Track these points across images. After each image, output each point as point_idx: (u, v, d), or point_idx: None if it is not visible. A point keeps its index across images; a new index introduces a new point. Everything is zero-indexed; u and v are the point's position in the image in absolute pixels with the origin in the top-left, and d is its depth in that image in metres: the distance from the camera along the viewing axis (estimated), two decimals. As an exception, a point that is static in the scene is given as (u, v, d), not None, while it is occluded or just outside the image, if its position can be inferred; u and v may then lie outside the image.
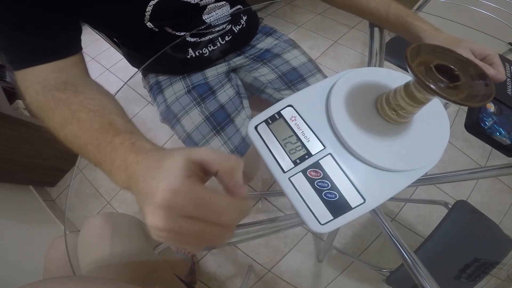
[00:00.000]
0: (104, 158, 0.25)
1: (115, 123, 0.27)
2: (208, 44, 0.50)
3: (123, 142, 0.24)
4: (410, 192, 1.01)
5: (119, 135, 0.25)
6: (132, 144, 0.24)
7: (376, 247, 0.92)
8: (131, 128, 0.27)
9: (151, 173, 0.20)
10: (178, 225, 0.19)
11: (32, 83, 0.31)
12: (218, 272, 0.89)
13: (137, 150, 0.23)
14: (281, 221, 0.46)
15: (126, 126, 0.27)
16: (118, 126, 0.26)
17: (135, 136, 0.25)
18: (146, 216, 0.19)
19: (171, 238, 0.20)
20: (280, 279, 0.87)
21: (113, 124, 0.27)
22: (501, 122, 0.40)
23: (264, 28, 0.63)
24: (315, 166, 0.28)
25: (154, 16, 0.41)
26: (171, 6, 0.42)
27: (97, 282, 0.30)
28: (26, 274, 0.70)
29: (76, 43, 0.36)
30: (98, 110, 0.28)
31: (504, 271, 0.59)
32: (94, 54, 1.41)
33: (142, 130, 0.28)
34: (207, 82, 0.55)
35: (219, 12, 0.49)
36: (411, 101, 0.26)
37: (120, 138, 0.25)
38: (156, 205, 0.19)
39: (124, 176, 0.23)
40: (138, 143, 0.24)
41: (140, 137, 0.25)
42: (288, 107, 0.31)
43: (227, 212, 0.20)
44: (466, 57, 0.25)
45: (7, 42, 0.31)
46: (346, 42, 1.43)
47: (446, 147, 0.29)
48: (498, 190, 1.01)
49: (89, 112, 0.28)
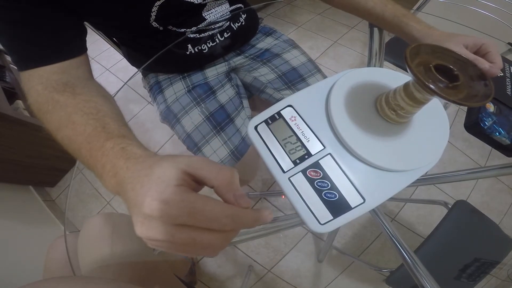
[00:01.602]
0: (95, 162, 0.25)
1: (108, 127, 0.27)
2: (207, 40, 0.50)
3: (113, 147, 0.24)
4: (410, 192, 1.01)
5: (110, 139, 0.25)
6: (122, 149, 0.24)
7: (376, 247, 0.92)
8: (123, 132, 0.27)
9: (140, 180, 0.20)
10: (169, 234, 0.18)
11: (35, 83, 0.32)
12: (218, 272, 0.89)
13: (127, 156, 0.23)
14: (281, 221, 0.46)
15: (119, 130, 0.27)
16: (111, 130, 0.26)
17: (126, 141, 0.25)
18: (135, 226, 0.19)
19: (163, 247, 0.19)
20: (280, 279, 0.87)
21: (106, 128, 0.26)
22: (500, 122, 0.40)
23: (264, 28, 0.63)
24: (315, 166, 0.28)
25: (160, 15, 0.41)
26: (175, 6, 0.42)
27: (97, 282, 0.30)
28: (26, 274, 0.70)
29: (81, 44, 0.36)
30: (92, 113, 0.28)
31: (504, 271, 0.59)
32: (94, 54, 1.41)
33: (142, 130, 0.28)
34: (207, 82, 0.55)
35: (219, 9, 0.49)
36: (411, 101, 0.26)
37: (111, 143, 0.24)
38: (144, 215, 0.18)
39: (114, 182, 0.23)
40: (128, 148, 0.24)
41: (132, 142, 0.25)
42: (288, 107, 0.31)
43: (221, 218, 0.19)
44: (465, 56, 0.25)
45: (12, 43, 0.31)
46: (345, 42, 1.43)
47: (446, 147, 0.29)
48: (498, 190, 1.02)
49: (83, 115, 0.28)
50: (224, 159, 0.50)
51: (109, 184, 0.23)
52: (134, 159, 0.22)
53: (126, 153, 0.23)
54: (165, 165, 0.20)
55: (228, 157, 0.50)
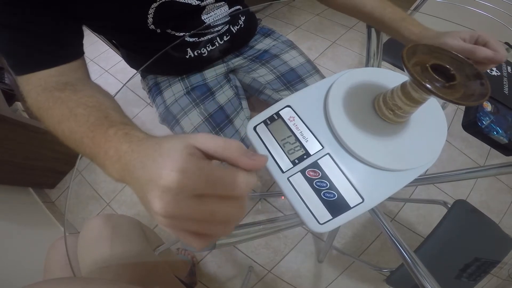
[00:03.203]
0: (98, 149, 0.24)
1: (110, 116, 0.27)
2: (207, 44, 0.51)
3: (116, 132, 0.24)
4: (409, 192, 1.01)
5: (113, 126, 0.25)
6: (125, 134, 0.23)
7: (376, 247, 0.92)
8: (126, 121, 0.27)
9: (151, 156, 0.19)
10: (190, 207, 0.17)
11: (34, 86, 0.32)
12: (219, 273, 0.89)
13: (130, 139, 0.22)
14: (281, 221, 0.46)
15: (122, 119, 0.27)
16: (114, 119, 0.26)
17: (128, 127, 0.25)
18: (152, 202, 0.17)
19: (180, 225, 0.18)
20: (281, 280, 0.87)
21: (108, 117, 0.26)
22: (498, 121, 0.41)
23: (262, 29, 0.63)
24: (314, 166, 0.28)
25: (156, 18, 0.41)
26: (172, 8, 0.42)
27: (97, 283, 0.30)
28: (26, 276, 0.70)
29: (78, 48, 0.36)
30: (95, 106, 0.28)
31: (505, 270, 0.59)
32: (93, 56, 1.41)
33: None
34: (206, 83, 0.55)
35: (218, 12, 0.50)
36: (408, 100, 0.26)
37: (114, 129, 0.24)
38: (162, 188, 0.17)
39: (118, 167, 0.22)
40: (131, 132, 0.24)
41: (134, 128, 0.25)
42: (286, 108, 0.32)
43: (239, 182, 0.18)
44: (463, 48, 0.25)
45: (9, 47, 0.31)
46: (344, 42, 1.44)
47: (444, 147, 0.29)
48: (497, 189, 1.02)
49: (86, 108, 0.28)
50: (223, 159, 0.50)
51: (113, 169, 0.23)
52: (137, 141, 0.22)
53: (129, 137, 0.23)
54: (173, 140, 0.19)
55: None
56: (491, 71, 0.51)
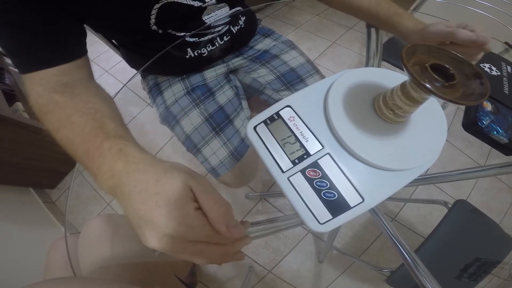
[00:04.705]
0: (91, 163, 0.25)
1: (106, 127, 0.27)
2: (207, 44, 0.51)
3: (111, 148, 0.24)
4: (410, 192, 1.01)
5: (108, 139, 0.25)
6: (119, 151, 0.24)
7: (377, 247, 0.92)
8: (121, 133, 0.27)
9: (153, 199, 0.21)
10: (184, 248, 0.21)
11: (36, 85, 0.32)
12: (219, 273, 0.89)
13: (125, 158, 0.23)
14: (281, 221, 0.47)
15: (117, 130, 0.27)
16: (109, 130, 0.27)
17: (123, 142, 0.25)
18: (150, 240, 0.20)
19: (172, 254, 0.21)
20: (281, 280, 0.87)
21: (103, 128, 0.27)
22: (498, 120, 0.41)
23: (262, 29, 0.63)
24: (314, 166, 0.28)
25: (159, 18, 0.42)
26: (175, 9, 0.42)
27: (97, 283, 0.30)
28: (27, 276, 0.70)
29: (81, 47, 0.36)
30: (91, 113, 0.28)
31: (506, 270, 0.59)
32: (93, 56, 1.42)
33: (141, 132, 0.28)
34: (206, 84, 0.55)
35: (219, 12, 0.50)
36: (408, 100, 0.26)
37: (109, 144, 0.25)
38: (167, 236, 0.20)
39: (111, 184, 0.23)
40: (125, 149, 0.24)
41: (129, 143, 0.25)
42: (286, 108, 0.32)
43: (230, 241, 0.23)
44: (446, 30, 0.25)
45: (13, 46, 0.31)
46: (344, 43, 1.44)
47: (445, 147, 0.29)
48: (497, 189, 1.02)
49: (82, 116, 0.28)
50: (223, 160, 0.50)
51: (105, 185, 0.24)
52: (133, 164, 0.23)
53: (125, 156, 0.23)
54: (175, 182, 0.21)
55: (228, 158, 0.50)
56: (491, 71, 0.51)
